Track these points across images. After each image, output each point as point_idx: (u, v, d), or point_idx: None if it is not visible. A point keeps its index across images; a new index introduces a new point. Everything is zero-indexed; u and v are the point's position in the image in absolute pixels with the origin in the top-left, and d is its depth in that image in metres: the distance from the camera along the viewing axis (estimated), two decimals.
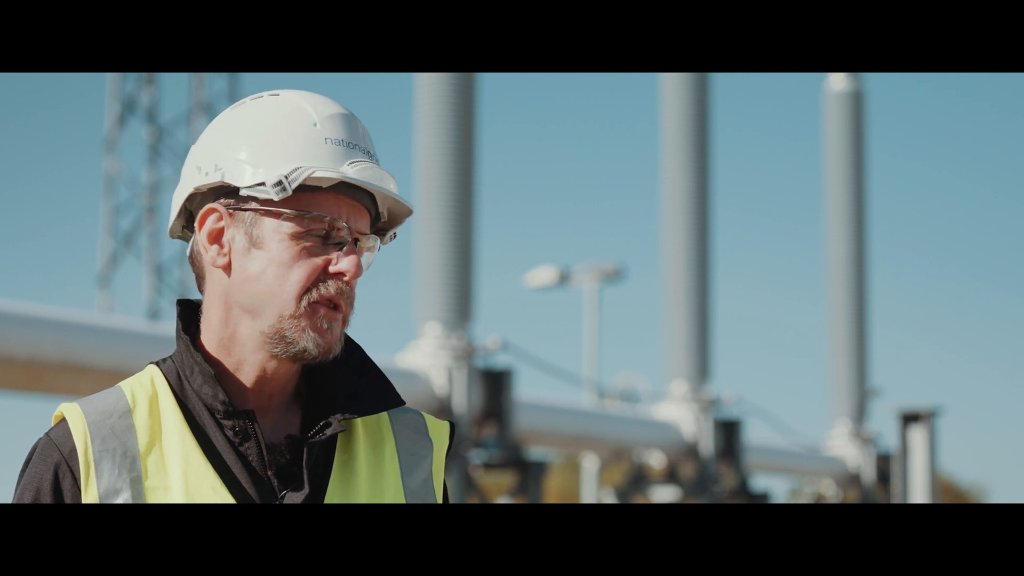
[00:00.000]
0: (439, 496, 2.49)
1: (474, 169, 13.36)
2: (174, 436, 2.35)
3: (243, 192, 2.36)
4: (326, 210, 2.37)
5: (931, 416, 17.51)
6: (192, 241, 2.45)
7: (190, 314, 2.46)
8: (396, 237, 2.48)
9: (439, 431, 2.53)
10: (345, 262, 2.37)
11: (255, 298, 2.37)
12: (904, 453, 17.54)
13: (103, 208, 27.10)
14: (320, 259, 2.37)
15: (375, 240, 2.44)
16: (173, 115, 27.10)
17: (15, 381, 10.36)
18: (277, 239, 2.36)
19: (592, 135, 63.61)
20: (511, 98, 62.27)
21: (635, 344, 54.80)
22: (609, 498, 17.08)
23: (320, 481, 2.38)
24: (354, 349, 2.48)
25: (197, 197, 2.42)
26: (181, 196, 2.43)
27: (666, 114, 17.89)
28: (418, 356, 12.96)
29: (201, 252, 2.41)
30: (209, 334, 2.41)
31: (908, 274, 62.81)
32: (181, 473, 2.32)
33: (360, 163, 2.38)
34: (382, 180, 2.39)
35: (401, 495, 2.43)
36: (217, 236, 2.39)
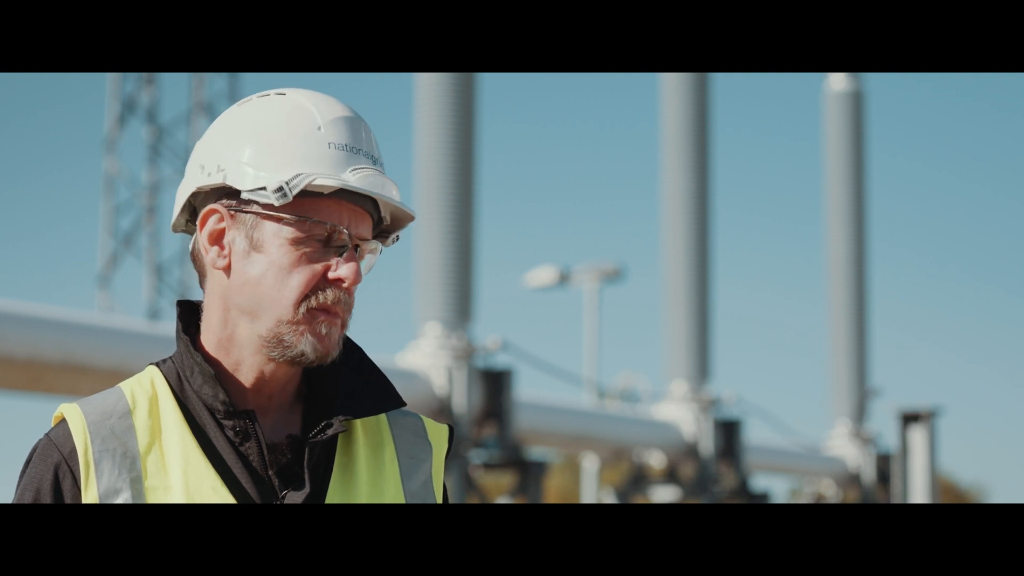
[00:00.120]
0: (439, 499, 2.49)
1: (474, 169, 13.36)
2: (174, 436, 2.35)
3: (244, 195, 2.36)
4: (327, 215, 2.36)
5: (931, 416, 17.51)
6: (194, 239, 2.45)
7: (190, 315, 2.46)
8: (399, 240, 2.48)
9: (438, 434, 2.53)
10: (344, 269, 2.37)
11: (254, 301, 2.37)
12: (904, 453, 17.54)
13: (103, 208, 27.11)
14: (320, 265, 2.36)
15: (377, 243, 2.44)
16: (173, 115, 27.12)
17: (15, 381, 10.36)
18: (277, 243, 2.36)
19: (592, 135, 63.65)
20: (511, 98, 62.30)
21: (635, 344, 54.84)
22: (609, 498, 17.08)
23: (321, 481, 2.38)
24: (354, 350, 2.47)
25: (200, 195, 2.43)
26: (184, 193, 2.43)
27: (666, 114, 17.89)
28: (418, 356, 12.96)
29: (202, 252, 2.41)
30: (208, 334, 2.41)
31: (908, 274, 62.85)
32: (181, 473, 2.32)
33: (362, 170, 2.37)
34: (384, 188, 2.38)
35: (401, 497, 2.43)
36: (218, 237, 2.39)
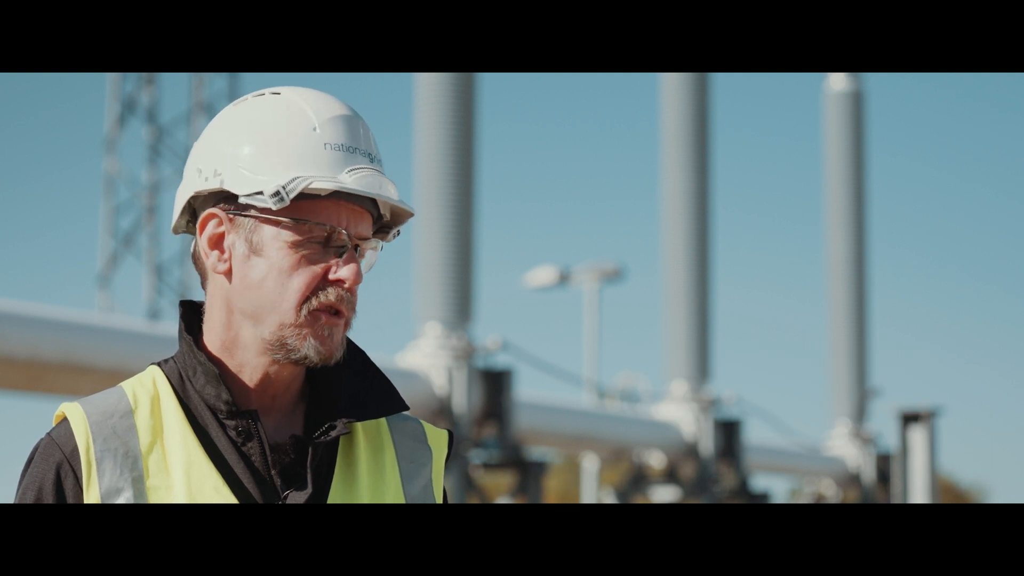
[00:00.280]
0: (439, 503, 2.49)
1: (474, 169, 13.36)
2: (176, 436, 2.35)
3: (242, 200, 2.36)
4: (326, 216, 2.36)
5: (931, 416, 17.51)
6: (195, 242, 2.45)
7: (193, 315, 2.46)
8: (399, 235, 2.48)
9: (438, 439, 2.53)
10: (345, 270, 2.36)
11: (256, 305, 2.37)
12: (904, 453, 17.55)
13: (103, 208, 27.10)
14: (320, 266, 2.36)
15: (377, 241, 2.44)
16: (173, 115, 27.11)
17: (15, 381, 10.36)
18: (277, 246, 2.36)
19: (592, 135, 63.64)
20: (511, 98, 62.29)
21: (635, 344, 54.84)
22: (609, 498, 17.08)
23: (323, 482, 2.39)
24: (356, 352, 2.47)
25: (199, 198, 2.42)
26: (183, 198, 2.43)
27: (666, 114, 17.89)
28: (418, 356, 12.96)
29: (203, 255, 2.41)
30: (212, 336, 2.41)
31: (908, 274, 62.85)
32: (183, 473, 2.32)
33: (359, 171, 2.37)
34: (381, 187, 2.38)
35: (401, 500, 2.43)
36: (217, 241, 2.39)
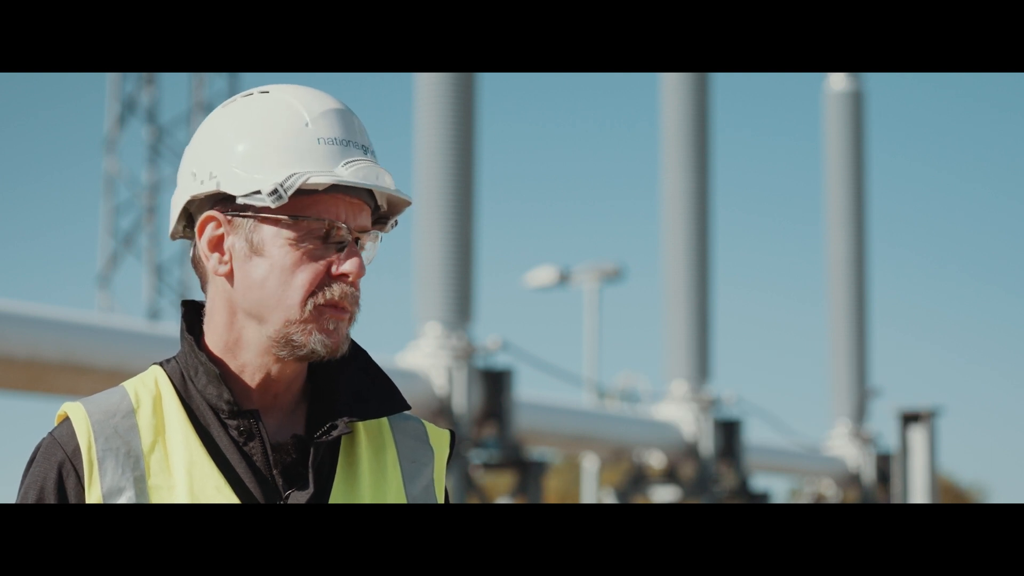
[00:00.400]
0: (440, 502, 2.49)
1: (474, 169, 13.36)
2: (178, 435, 2.35)
3: (239, 200, 2.36)
4: (324, 211, 2.36)
5: (931, 416, 17.51)
6: (194, 246, 2.44)
7: (194, 315, 2.46)
8: (397, 224, 2.48)
9: (440, 439, 2.53)
10: (348, 264, 2.37)
11: (260, 304, 2.37)
12: (904, 453, 17.55)
13: (103, 208, 27.09)
14: (322, 262, 2.36)
15: (376, 232, 2.44)
16: (173, 115, 27.08)
17: (15, 381, 10.36)
18: (277, 244, 2.36)
19: (592, 135, 63.62)
20: (511, 98, 62.28)
21: (635, 344, 54.83)
22: (609, 498, 17.08)
23: (325, 482, 2.39)
24: (358, 352, 2.47)
25: (195, 202, 2.42)
26: (179, 203, 2.43)
27: (666, 114, 17.90)
28: (418, 356, 12.96)
29: (203, 259, 2.41)
30: (214, 337, 2.41)
31: (908, 274, 62.85)
32: (185, 472, 2.32)
33: (355, 163, 2.37)
34: (378, 178, 2.38)
35: (403, 500, 2.43)
36: (217, 243, 2.39)
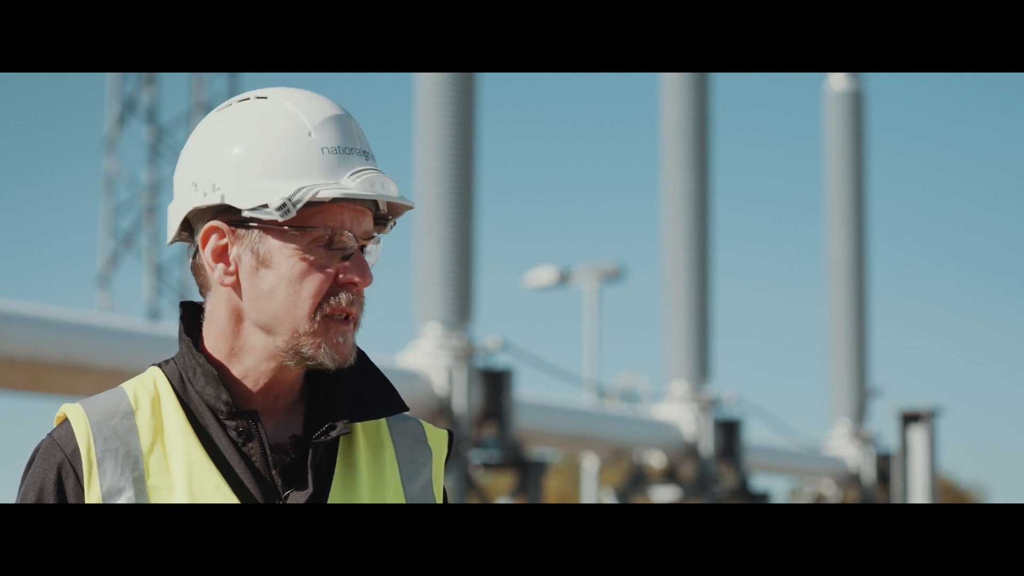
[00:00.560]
0: (439, 502, 2.49)
1: (474, 169, 13.37)
2: (177, 436, 2.35)
3: (245, 213, 2.35)
4: (329, 219, 2.36)
5: (931, 416, 17.52)
6: (193, 253, 2.43)
7: (193, 316, 2.45)
8: (396, 225, 2.48)
9: (438, 439, 2.53)
10: (356, 272, 2.37)
11: (268, 316, 2.36)
12: (904, 453, 17.55)
13: (103, 208, 27.09)
14: (329, 270, 2.36)
15: (377, 236, 2.44)
16: (173, 115, 27.08)
17: (15, 381, 10.36)
18: (284, 255, 2.35)
19: (592, 135, 63.61)
20: (511, 98, 62.28)
21: (635, 344, 54.83)
22: (609, 498, 17.08)
23: (323, 482, 2.39)
24: (358, 352, 2.47)
25: (196, 211, 2.41)
26: (179, 213, 2.41)
27: (666, 114, 17.90)
28: (418, 356, 12.96)
29: (206, 268, 2.40)
30: (215, 342, 2.40)
31: (908, 274, 62.84)
32: (184, 473, 2.32)
33: (360, 173, 2.36)
34: (384, 187, 2.38)
35: (401, 500, 2.43)
36: (222, 254, 2.38)
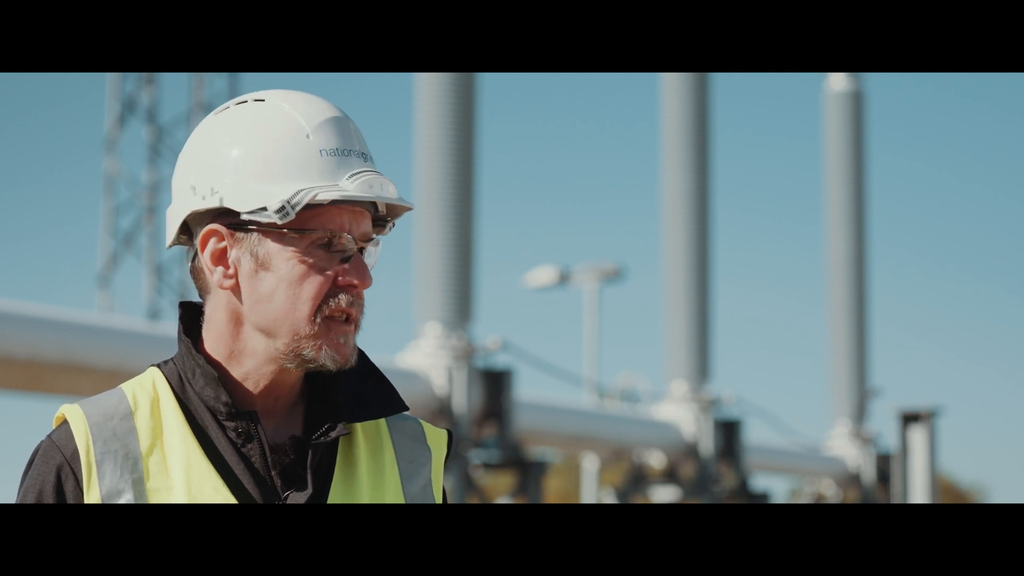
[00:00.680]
0: (438, 502, 2.49)
1: (474, 169, 13.36)
2: (176, 437, 2.35)
3: (244, 216, 2.35)
4: (329, 222, 2.36)
5: (931, 416, 17.52)
6: (192, 256, 2.43)
7: (192, 317, 2.45)
8: (395, 226, 2.48)
9: (437, 439, 2.53)
10: (356, 273, 2.37)
11: (269, 319, 2.36)
12: (904, 453, 17.55)
13: (103, 208, 27.09)
14: (328, 272, 2.36)
15: (376, 237, 2.44)
16: (173, 115, 27.09)
17: (15, 381, 10.36)
18: (284, 258, 2.35)
19: (592, 135, 63.61)
20: (511, 98, 62.28)
21: (635, 344, 54.82)
22: (609, 498, 17.09)
23: (323, 482, 2.39)
24: (357, 352, 2.47)
25: (195, 214, 2.41)
26: (178, 216, 2.41)
27: (666, 114, 17.90)
28: (418, 356, 12.96)
29: (205, 271, 2.40)
30: (215, 344, 2.40)
31: (908, 274, 62.85)
32: (183, 474, 2.32)
33: (359, 175, 2.36)
34: (383, 188, 2.37)
35: (401, 500, 2.43)
36: (221, 257, 2.38)
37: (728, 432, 17.34)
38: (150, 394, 2.38)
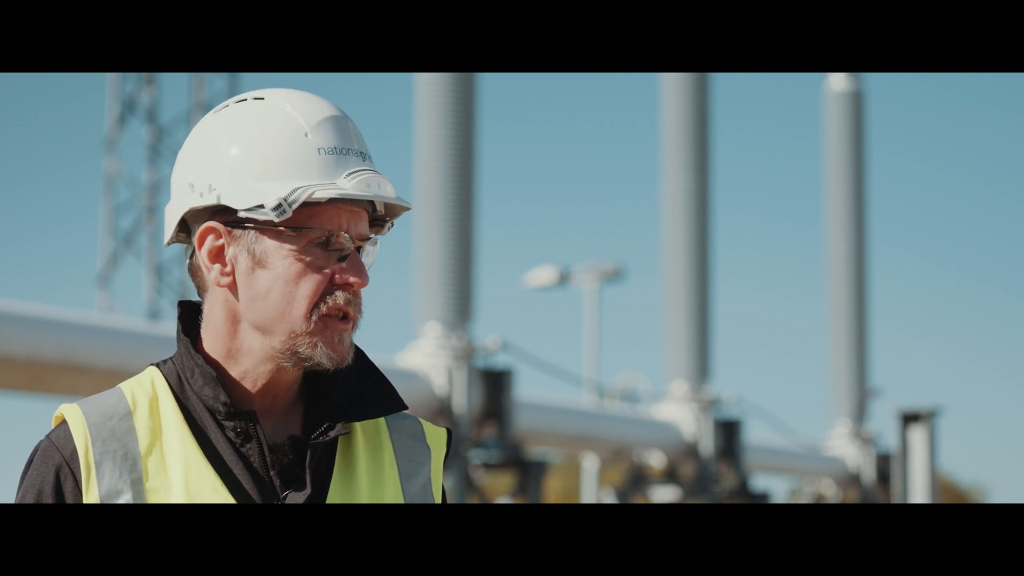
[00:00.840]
0: (437, 502, 2.49)
1: (474, 169, 13.36)
2: (174, 437, 2.35)
3: (241, 214, 2.35)
4: (326, 221, 2.36)
5: (931, 416, 17.52)
6: (190, 254, 2.43)
7: (191, 316, 2.45)
8: (393, 227, 2.48)
9: (436, 437, 2.53)
10: (353, 272, 2.37)
11: (265, 317, 2.36)
12: (904, 453, 17.55)
13: (103, 208, 27.09)
14: (325, 271, 2.36)
15: (375, 237, 2.44)
16: (173, 115, 27.07)
17: (15, 381, 10.36)
18: (280, 256, 2.35)
19: (592, 135, 63.60)
20: (511, 98, 62.27)
21: (635, 344, 54.81)
22: (609, 498, 17.08)
23: (322, 482, 2.39)
24: (356, 352, 2.47)
25: (193, 211, 2.41)
26: (176, 214, 2.41)
27: (666, 114, 17.90)
28: (418, 356, 12.96)
29: (203, 269, 2.40)
30: (215, 344, 2.40)
31: (908, 274, 62.83)
32: (182, 474, 2.32)
33: (357, 174, 2.36)
34: (380, 187, 2.37)
35: (400, 499, 2.43)
36: (218, 254, 2.38)
37: (728, 432, 17.34)
38: (149, 394, 2.38)
